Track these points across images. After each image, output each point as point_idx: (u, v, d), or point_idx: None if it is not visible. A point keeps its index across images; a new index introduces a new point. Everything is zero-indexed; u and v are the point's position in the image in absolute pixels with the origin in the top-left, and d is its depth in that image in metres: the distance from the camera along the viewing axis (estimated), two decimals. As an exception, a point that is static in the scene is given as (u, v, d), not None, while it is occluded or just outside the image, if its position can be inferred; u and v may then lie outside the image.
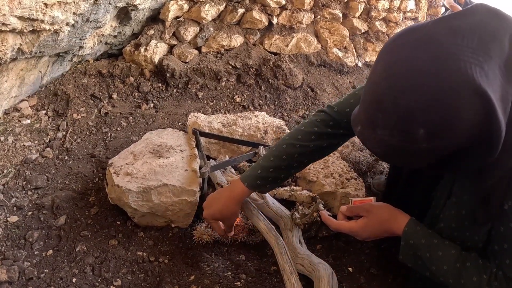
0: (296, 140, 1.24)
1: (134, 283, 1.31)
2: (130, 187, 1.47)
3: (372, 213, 1.10)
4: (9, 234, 1.46)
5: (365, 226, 1.10)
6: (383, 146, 0.80)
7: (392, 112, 0.75)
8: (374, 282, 1.36)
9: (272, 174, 1.25)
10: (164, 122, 2.24)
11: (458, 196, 1.00)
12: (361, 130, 0.84)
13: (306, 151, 1.24)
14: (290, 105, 2.55)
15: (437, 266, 0.97)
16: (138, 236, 1.50)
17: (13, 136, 1.94)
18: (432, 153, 0.78)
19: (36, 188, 1.69)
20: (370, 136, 0.82)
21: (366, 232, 1.11)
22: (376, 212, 1.10)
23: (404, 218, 1.05)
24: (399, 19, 3.19)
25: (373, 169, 1.96)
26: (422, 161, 0.83)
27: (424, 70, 0.72)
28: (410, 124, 0.74)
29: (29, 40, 1.67)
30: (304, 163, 1.29)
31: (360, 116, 0.84)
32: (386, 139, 0.78)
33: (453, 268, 0.95)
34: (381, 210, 1.10)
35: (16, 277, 1.29)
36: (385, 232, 1.09)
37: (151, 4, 2.36)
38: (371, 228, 1.10)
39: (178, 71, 2.52)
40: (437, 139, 0.74)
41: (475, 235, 0.97)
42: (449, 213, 1.01)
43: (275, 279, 1.36)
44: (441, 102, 0.71)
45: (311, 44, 2.88)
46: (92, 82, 2.43)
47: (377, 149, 0.84)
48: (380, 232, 1.09)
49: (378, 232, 1.10)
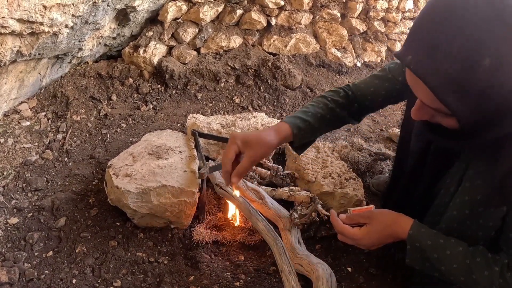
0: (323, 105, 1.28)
1: (134, 284, 1.32)
2: (130, 188, 1.47)
3: (374, 219, 1.07)
4: (9, 235, 1.47)
5: (368, 233, 1.07)
6: (438, 75, 0.75)
7: (458, 36, 0.71)
8: (373, 282, 1.36)
9: (310, 119, 1.22)
10: (163, 123, 2.25)
11: (472, 181, 0.96)
12: (413, 59, 0.78)
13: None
14: (289, 105, 2.55)
15: (447, 266, 0.95)
16: (137, 237, 1.51)
17: (12, 138, 1.94)
18: (482, 97, 0.74)
19: (36, 189, 1.69)
20: (424, 65, 0.76)
21: (370, 239, 1.07)
22: (378, 218, 1.07)
23: (408, 221, 1.03)
24: (398, 19, 3.20)
25: (372, 169, 1.97)
26: (467, 105, 0.77)
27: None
28: (477, 51, 0.70)
29: (28, 42, 1.67)
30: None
31: (412, 44, 0.79)
32: (445, 67, 0.73)
33: (463, 265, 0.93)
34: (383, 216, 1.07)
35: (16, 278, 1.29)
36: (389, 237, 1.05)
37: (150, 5, 2.37)
38: (374, 234, 1.06)
39: (177, 72, 2.52)
40: (498, 74, 0.71)
41: (489, 221, 0.94)
42: (462, 199, 0.98)
43: (274, 279, 1.36)
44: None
45: (309, 45, 2.89)
46: (92, 83, 2.43)
47: (429, 78, 0.76)
48: (385, 238, 1.06)
49: (383, 238, 1.06)
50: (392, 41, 3.24)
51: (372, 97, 1.30)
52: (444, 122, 0.89)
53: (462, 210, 0.98)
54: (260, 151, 1.12)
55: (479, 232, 0.96)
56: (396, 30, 3.25)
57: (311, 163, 1.74)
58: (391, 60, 3.22)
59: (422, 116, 0.91)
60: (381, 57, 3.18)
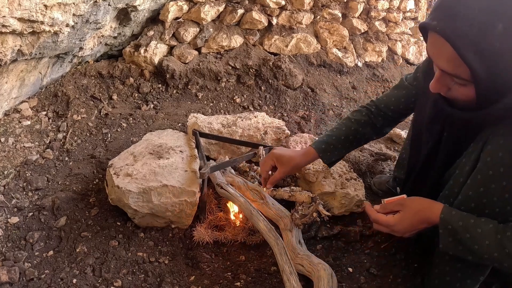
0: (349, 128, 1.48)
1: (134, 284, 1.32)
2: (130, 188, 1.47)
3: (407, 206, 1.12)
4: (9, 235, 1.47)
5: (402, 219, 1.11)
6: (460, 37, 0.87)
7: (475, 4, 0.84)
8: (374, 282, 1.36)
9: (334, 142, 1.46)
10: (164, 123, 2.25)
11: (493, 155, 0.98)
12: (438, 24, 0.90)
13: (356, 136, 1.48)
14: (290, 105, 2.55)
15: (479, 244, 0.97)
16: (138, 236, 1.51)
17: (13, 137, 1.94)
18: (498, 59, 0.86)
19: (37, 189, 1.69)
20: (448, 28, 0.89)
21: (403, 224, 1.11)
22: (411, 205, 1.12)
23: (439, 206, 1.06)
24: (399, 19, 3.19)
25: (373, 169, 1.97)
26: (485, 66, 0.88)
27: None
28: (490, 17, 0.83)
29: (29, 41, 1.67)
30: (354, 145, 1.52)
31: (436, 13, 0.92)
32: (465, 30, 0.86)
33: (494, 241, 0.95)
34: (415, 202, 1.12)
35: (16, 278, 1.29)
36: (421, 222, 1.09)
37: (151, 5, 2.37)
38: (407, 220, 1.11)
39: (178, 72, 2.52)
40: (511, 39, 0.83)
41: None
42: (485, 174, 0.99)
43: (275, 280, 1.36)
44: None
45: (310, 45, 2.88)
46: (92, 83, 2.43)
47: (453, 38, 0.88)
48: (417, 223, 1.09)
49: (416, 223, 1.10)
50: (393, 41, 3.23)
51: (394, 107, 1.47)
52: (459, 92, 0.98)
53: (488, 185, 0.99)
54: (288, 169, 1.48)
55: (507, 207, 0.98)
56: (397, 30, 3.24)
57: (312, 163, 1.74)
58: (391, 60, 3.23)
59: (440, 88, 1.00)
60: (382, 57, 3.18)
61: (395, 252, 1.47)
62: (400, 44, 3.25)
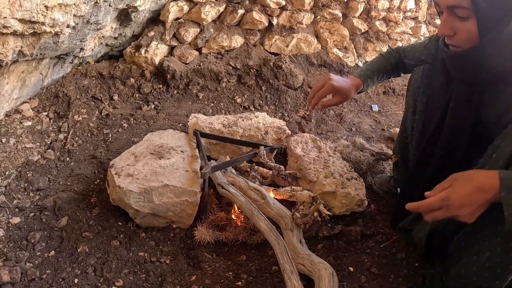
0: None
1: (136, 284, 1.32)
2: (132, 188, 1.47)
3: (459, 178, 1.03)
4: (11, 235, 1.47)
5: (453, 189, 1.01)
6: None
7: None
8: (375, 282, 1.36)
9: (371, 75, 1.64)
10: (165, 123, 2.25)
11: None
12: None
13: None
14: (291, 105, 2.55)
15: None
16: (139, 236, 1.51)
17: (14, 138, 1.95)
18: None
19: (38, 189, 1.69)
20: None
21: (457, 194, 1.00)
22: (463, 175, 1.03)
23: (492, 171, 0.99)
24: (399, 19, 3.19)
25: (374, 169, 1.97)
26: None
27: None
28: None
29: (30, 42, 1.68)
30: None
31: None
32: None
33: None
34: (464, 173, 1.04)
35: (18, 278, 1.29)
36: (478, 190, 0.98)
37: (151, 5, 2.37)
38: (460, 189, 1.00)
39: (179, 72, 2.52)
40: None
41: None
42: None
43: (276, 279, 1.36)
44: None
45: (311, 45, 2.88)
46: (93, 83, 2.44)
47: None
48: (473, 191, 0.98)
49: (472, 190, 0.99)
50: (393, 41, 3.23)
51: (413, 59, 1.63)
52: (463, 30, 1.08)
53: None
54: (344, 99, 1.57)
55: None
56: (398, 29, 3.24)
57: (313, 163, 1.74)
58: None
59: (446, 30, 1.11)
60: (382, 57, 3.17)
61: (396, 251, 1.47)
62: (400, 43, 3.25)
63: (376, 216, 1.65)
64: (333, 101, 1.57)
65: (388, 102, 2.82)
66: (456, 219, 1.01)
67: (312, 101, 1.59)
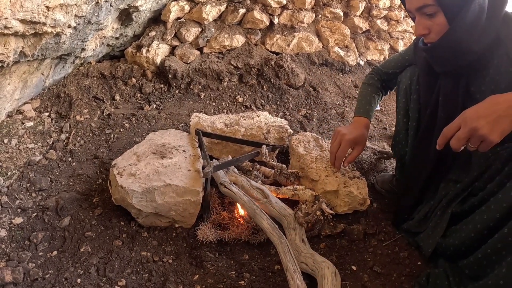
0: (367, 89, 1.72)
1: (138, 283, 1.32)
2: (134, 187, 1.47)
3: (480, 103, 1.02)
4: (13, 235, 1.47)
5: (474, 107, 1.01)
6: None
7: None
8: (378, 281, 1.36)
9: (369, 106, 1.67)
10: (166, 122, 2.25)
11: None
12: None
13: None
14: (292, 104, 2.55)
15: None
16: (142, 236, 1.51)
17: (16, 139, 1.95)
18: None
19: (40, 189, 1.70)
20: None
21: (472, 109, 1.00)
22: (484, 100, 1.02)
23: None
24: (400, 17, 3.19)
25: (376, 167, 1.96)
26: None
27: None
28: None
29: (31, 43, 1.68)
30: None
31: None
32: None
33: None
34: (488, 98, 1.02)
35: (21, 278, 1.29)
36: (491, 103, 0.98)
37: (153, 5, 2.37)
38: (475, 106, 1.00)
39: (180, 72, 2.52)
40: None
41: None
42: None
43: (279, 278, 1.36)
44: None
45: (312, 44, 2.88)
46: (95, 84, 2.44)
47: None
48: (487, 104, 0.99)
49: (485, 104, 0.99)
50: (395, 39, 3.23)
51: (392, 69, 1.68)
52: (436, 24, 1.16)
53: None
54: (363, 146, 1.61)
55: None
56: (399, 28, 3.24)
57: (315, 162, 1.74)
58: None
59: (422, 29, 1.19)
60: (384, 55, 3.17)
61: (399, 250, 1.47)
62: (402, 42, 3.24)
63: (378, 215, 1.65)
64: (355, 154, 1.60)
65: (389, 100, 2.81)
66: (479, 136, 0.98)
67: (336, 164, 1.62)
